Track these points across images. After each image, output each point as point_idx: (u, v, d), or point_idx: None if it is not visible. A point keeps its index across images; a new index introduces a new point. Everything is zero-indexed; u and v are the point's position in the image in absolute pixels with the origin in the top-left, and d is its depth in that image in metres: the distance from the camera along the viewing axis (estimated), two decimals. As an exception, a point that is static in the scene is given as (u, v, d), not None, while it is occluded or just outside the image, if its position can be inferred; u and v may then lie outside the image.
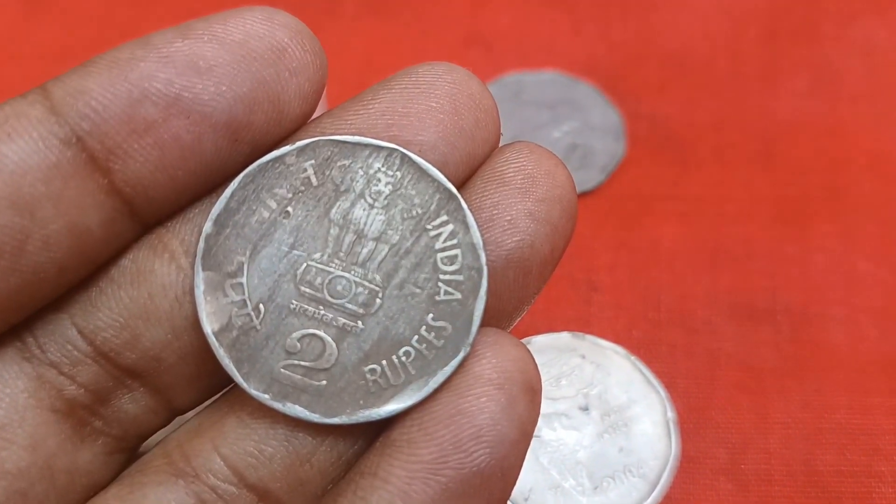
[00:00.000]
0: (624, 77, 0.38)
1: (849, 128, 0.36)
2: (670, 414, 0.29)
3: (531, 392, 0.17)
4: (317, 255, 0.17)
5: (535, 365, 0.17)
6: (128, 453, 0.18)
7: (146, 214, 0.17)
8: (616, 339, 0.31)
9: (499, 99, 0.36)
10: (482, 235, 0.17)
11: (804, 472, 0.29)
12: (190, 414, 0.19)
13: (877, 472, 0.29)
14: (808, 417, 0.30)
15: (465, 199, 0.17)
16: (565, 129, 0.36)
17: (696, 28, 0.39)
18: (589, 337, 0.31)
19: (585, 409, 0.29)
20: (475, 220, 0.17)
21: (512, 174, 0.17)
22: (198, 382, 0.18)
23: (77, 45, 0.39)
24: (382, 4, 0.40)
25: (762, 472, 0.29)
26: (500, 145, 0.18)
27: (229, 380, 0.17)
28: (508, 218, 0.17)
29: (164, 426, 0.19)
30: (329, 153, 0.17)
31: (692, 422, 0.30)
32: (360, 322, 0.17)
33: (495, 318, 0.18)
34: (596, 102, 0.37)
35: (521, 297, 0.18)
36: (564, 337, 0.31)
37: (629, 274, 0.33)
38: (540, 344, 0.30)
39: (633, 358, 0.30)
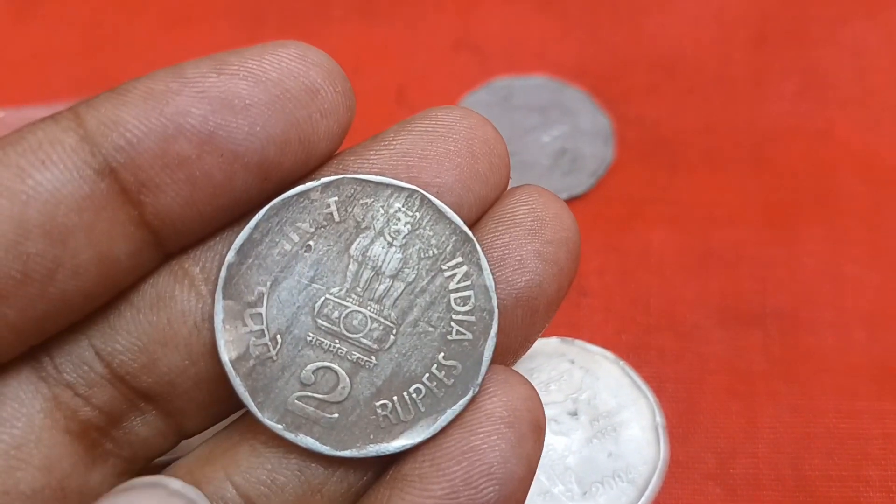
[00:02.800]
0: (613, 81, 0.37)
1: (838, 131, 0.36)
2: (659, 419, 0.29)
3: (538, 430, 0.17)
4: (335, 290, 0.18)
5: (541, 403, 0.18)
6: (134, 475, 0.19)
7: (171, 245, 0.17)
8: (605, 344, 0.31)
9: (488, 103, 0.36)
10: (494, 277, 0.18)
11: (792, 477, 0.29)
12: (195, 438, 0.19)
13: (865, 477, 0.29)
14: (796, 422, 0.30)
15: (476, 240, 0.18)
16: (555, 133, 0.36)
17: (685, 32, 0.39)
18: (578, 342, 0.31)
19: (574, 414, 0.29)
20: (488, 262, 0.18)
21: (522, 216, 0.18)
22: (209, 408, 0.18)
23: (67, 47, 0.39)
24: (371, 8, 0.40)
25: (751, 476, 0.29)
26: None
27: (239, 406, 0.18)
28: (518, 258, 0.18)
29: (171, 449, 0.19)
30: (352, 191, 0.18)
31: (681, 426, 0.30)
32: (373, 357, 0.18)
33: (502, 354, 0.18)
34: (585, 107, 0.36)
35: (528, 335, 0.18)
36: (553, 342, 0.31)
37: (618, 278, 0.33)
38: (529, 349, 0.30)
39: (621, 363, 0.30)
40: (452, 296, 0.18)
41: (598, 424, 0.29)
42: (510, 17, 0.39)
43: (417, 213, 0.18)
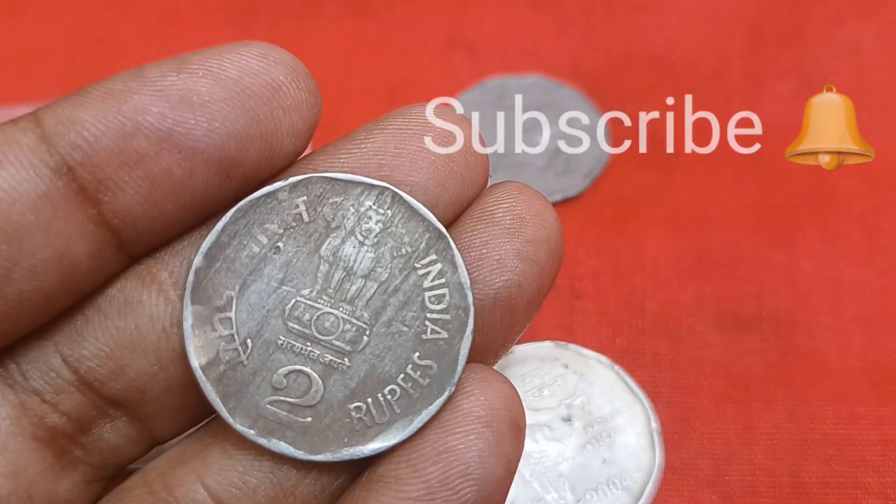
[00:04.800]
0: (608, 81, 0.37)
1: (835, 132, 0.36)
2: (654, 424, 0.29)
3: (517, 429, 0.17)
4: (306, 292, 0.18)
5: (521, 402, 0.17)
6: (106, 482, 0.19)
7: (133, 246, 0.17)
8: (599, 348, 0.31)
9: (482, 103, 0.36)
10: (470, 275, 0.18)
11: (790, 484, 0.28)
12: (169, 443, 0.19)
13: (863, 484, 0.28)
14: (793, 428, 0.29)
15: (454, 238, 0.18)
16: (549, 133, 0.35)
17: (681, 31, 0.38)
18: (572, 346, 0.30)
19: (568, 419, 0.29)
20: (463, 259, 0.18)
21: (501, 214, 0.18)
22: (180, 414, 0.18)
23: (55, 46, 0.39)
24: (364, 6, 0.39)
25: (747, 483, 0.28)
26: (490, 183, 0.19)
27: (212, 411, 0.18)
28: (497, 257, 0.18)
29: (143, 455, 0.19)
30: (321, 190, 0.18)
31: (676, 432, 0.29)
32: (346, 359, 0.17)
33: (481, 355, 0.18)
34: (580, 106, 0.36)
35: (507, 335, 0.18)
36: (547, 346, 0.30)
37: (613, 281, 0.33)
38: (522, 353, 0.30)
39: (616, 367, 0.30)
40: (427, 294, 0.18)
41: (593, 430, 0.29)
42: (504, 16, 0.39)
43: (389, 211, 0.18)
